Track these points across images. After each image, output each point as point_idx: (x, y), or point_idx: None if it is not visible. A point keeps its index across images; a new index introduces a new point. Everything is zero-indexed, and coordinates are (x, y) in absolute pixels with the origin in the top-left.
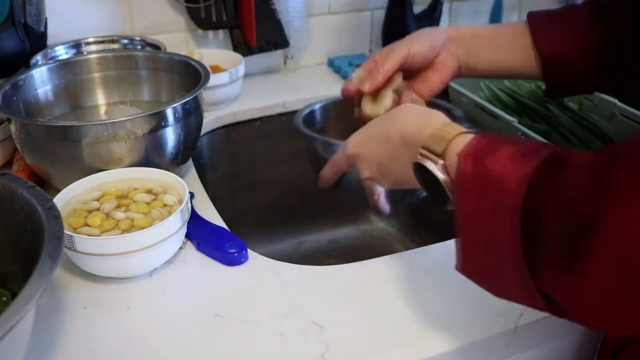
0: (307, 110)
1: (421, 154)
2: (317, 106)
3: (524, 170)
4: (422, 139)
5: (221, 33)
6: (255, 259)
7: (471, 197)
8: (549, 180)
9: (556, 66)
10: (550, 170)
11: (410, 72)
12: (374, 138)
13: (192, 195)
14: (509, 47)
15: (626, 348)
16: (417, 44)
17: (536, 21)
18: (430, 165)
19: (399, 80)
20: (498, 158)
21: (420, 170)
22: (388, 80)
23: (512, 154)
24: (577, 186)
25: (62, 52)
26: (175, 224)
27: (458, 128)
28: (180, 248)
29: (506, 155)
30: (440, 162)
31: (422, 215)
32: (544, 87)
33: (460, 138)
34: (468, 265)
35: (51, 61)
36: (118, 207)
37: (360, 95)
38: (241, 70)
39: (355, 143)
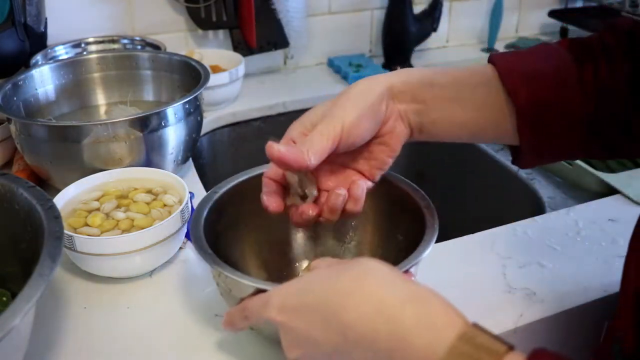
0: (215, 198)
1: None
2: (223, 190)
3: None
4: (418, 352)
5: (221, 33)
6: None
7: None
8: None
9: (536, 119)
10: None
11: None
12: (314, 314)
13: (192, 195)
14: (475, 99)
15: None
16: (352, 112)
17: (505, 64)
18: None
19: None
20: None
21: None
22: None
23: None
24: None
25: (62, 52)
26: (175, 224)
27: (491, 344)
28: (180, 248)
29: None
30: None
31: None
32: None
33: None
34: None
35: (51, 61)
36: (118, 207)
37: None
38: (241, 70)
39: (283, 307)
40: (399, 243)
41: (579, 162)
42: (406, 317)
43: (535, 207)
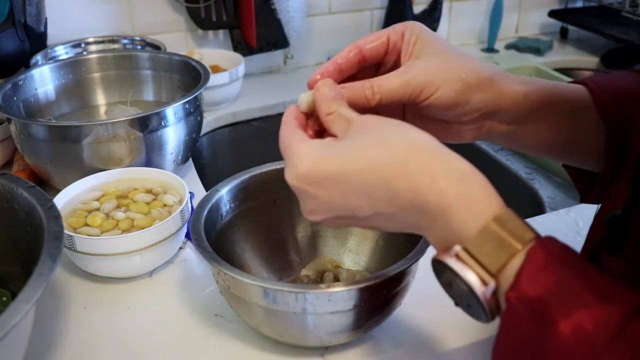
0: (215, 197)
1: (458, 257)
2: (224, 190)
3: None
4: (455, 226)
5: (221, 33)
6: None
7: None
8: None
9: (624, 138)
10: None
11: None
12: (347, 187)
13: (192, 195)
14: (572, 122)
15: None
16: (448, 90)
17: (596, 84)
18: (475, 286)
19: None
20: (574, 326)
21: (439, 273)
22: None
23: (596, 328)
24: None
25: (62, 52)
26: (175, 224)
27: (522, 230)
28: (180, 248)
29: (587, 326)
30: (492, 284)
31: None
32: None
33: (520, 256)
34: None
35: (51, 61)
36: (118, 207)
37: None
38: (241, 70)
39: (307, 178)
40: (399, 244)
41: None
42: (452, 193)
43: (535, 207)
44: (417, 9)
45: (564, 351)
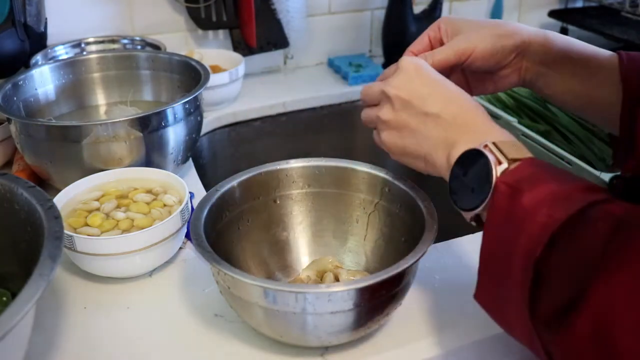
0: (215, 197)
1: (487, 146)
2: (223, 189)
3: (554, 216)
4: (490, 137)
5: (221, 33)
6: None
7: (497, 230)
8: (571, 239)
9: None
10: (577, 226)
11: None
12: (440, 90)
13: (192, 195)
14: (596, 78)
15: None
16: (484, 44)
17: (628, 55)
18: (492, 163)
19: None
20: (535, 196)
21: (464, 162)
22: None
23: (549, 194)
24: (588, 251)
25: (62, 52)
26: (175, 224)
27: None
28: (180, 248)
29: (543, 194)
30: (505, 164)
31: None
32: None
33: (521, 163)
34: (481, 295)
35: (51, 61)
36: (118, 207)
37: None
38: (241, 70)
39: (418, 71)
40: (399, 243)
41: (578, 161)
42: (495, 125)
43: None
44: (417, 9)
45: (523, 218)
